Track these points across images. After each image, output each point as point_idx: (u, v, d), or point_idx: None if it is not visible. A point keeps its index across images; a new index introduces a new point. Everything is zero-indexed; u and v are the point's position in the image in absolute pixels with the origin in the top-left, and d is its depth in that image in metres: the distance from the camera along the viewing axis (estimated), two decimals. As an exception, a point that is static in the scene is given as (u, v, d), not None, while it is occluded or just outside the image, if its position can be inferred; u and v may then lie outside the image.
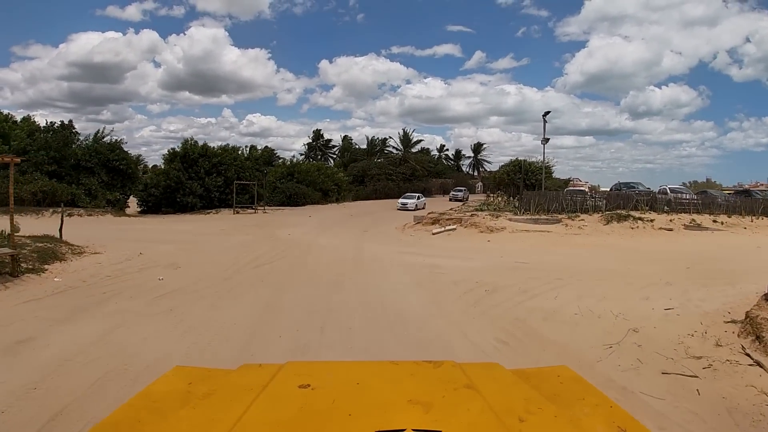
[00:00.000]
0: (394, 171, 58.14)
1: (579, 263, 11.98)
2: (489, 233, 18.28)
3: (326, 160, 67.95)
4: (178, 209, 30.07)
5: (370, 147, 66.90)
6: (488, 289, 8.40)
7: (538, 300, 7.95)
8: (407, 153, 62.12)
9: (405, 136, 62.81)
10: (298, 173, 43.55)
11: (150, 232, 16.95)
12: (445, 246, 15.67)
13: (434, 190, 63.52)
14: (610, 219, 20.03)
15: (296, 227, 19.43)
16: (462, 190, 50.84)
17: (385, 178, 55.75)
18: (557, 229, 19.00)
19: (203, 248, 13.17)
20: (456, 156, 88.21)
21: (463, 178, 77.28)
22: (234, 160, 32.45)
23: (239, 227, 18.62)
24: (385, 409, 1.44)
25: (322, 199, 42.52)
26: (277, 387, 1.63)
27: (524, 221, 19.55)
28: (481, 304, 7.66)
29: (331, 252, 13.19)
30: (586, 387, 1.78)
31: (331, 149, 73.58)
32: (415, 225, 21.34)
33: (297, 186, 40.72)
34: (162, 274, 9.74)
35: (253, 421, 1.36)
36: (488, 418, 1.38)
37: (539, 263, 11.71)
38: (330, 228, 20.24)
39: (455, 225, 19.45)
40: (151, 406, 1.56)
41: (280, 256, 12.00)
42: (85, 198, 27.07)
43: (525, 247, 15.52)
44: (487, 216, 19.80)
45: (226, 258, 11.47)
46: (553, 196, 22.46)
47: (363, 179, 55.48)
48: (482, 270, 10.60)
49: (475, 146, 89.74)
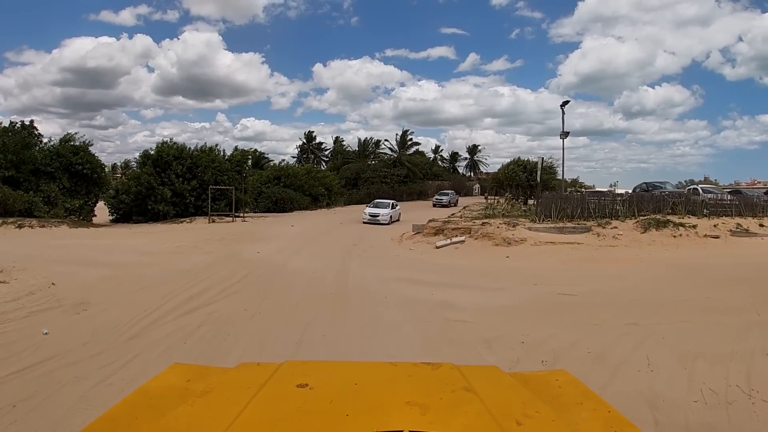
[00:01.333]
0: (389, 173, 55.20)
1: (639, 291, 9.07)
2: (506, 246, 15.27)
3: (319, 163, 65.42)
4: (150, 217, 26.90)
5: (362, 148, 63.88)
6: (546, 360, 5.33)
7: (626, 374, 4.98)
8: (402, 154, 58.98)
9: (403, 136, 59.57)
10: (285, 177, 40.53)
11: (92, 249, 13.80)
12: (454, 266, 12.63)
13: (431, 192, 60.93)
14: (647, 226, 17.03)
15: (272, 241, 16.25)
16: (448, 194, 45.07)
17: (379, 180, 52.71)
18: (588, 239, 16.00)
19: (137, 276, 10.05)
20: (452, 158, 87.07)
21: (460, 180, 75.71)
22: (212, 162, 29.20)
23: (202, 242, 15.40)
24: (382, 410, 1.44)
25: (311, 204, 39.47)
26: (275, 386, 1.64)
27: (547, 230, 16.54)
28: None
29: (304, 281, 9.93)
30: (584, 391, 1.77)
31: (323, 152, 71.01)
32: (414, 236, 18.28)
33: (284, 191, 37.65)
34: (55, 322, 6.77)
35: (251, 419, 1.36)
36: (486, 421, 1.38)
37: (589, 294, 8.77)
38: (312, 241, 17.05)
39: (463, 236, 16.41)
40: (148, 403, 1.57)
41: (231, 291, 8.82)
42: (42, 206, 23.90)
43: (556, 266, 12.57)
44: (502, 225, 16.74)
45: (155, 294, 8.34)
46: (578, 199, 19.40)
47: (356, 182, 52.40)
48: (518, 311, 7.61)
49: (471, 147, 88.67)
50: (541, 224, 17.38)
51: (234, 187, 27.88)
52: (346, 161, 59.48)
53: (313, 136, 70.66)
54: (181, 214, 27.34)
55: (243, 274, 10.47)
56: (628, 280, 10.25)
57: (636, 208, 19.18)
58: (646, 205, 19.50)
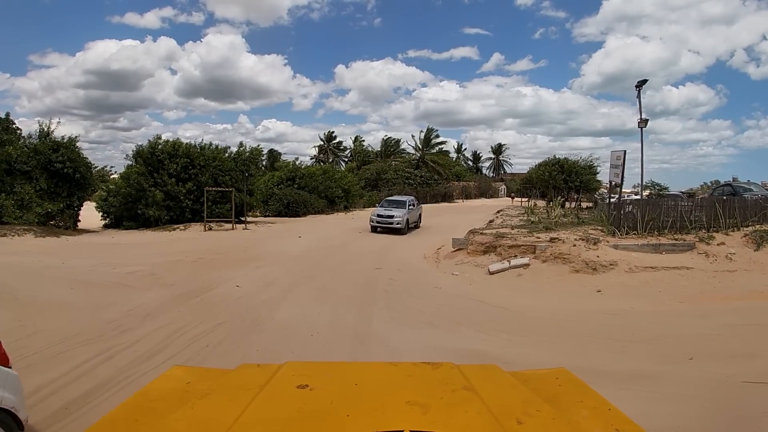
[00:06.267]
0: (412, 174, 50.93)
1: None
2: (591, 274, 10.95)
3: (338, 164, 62.01)
4: (142, 223, 23.24)
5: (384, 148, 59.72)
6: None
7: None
8: (426, 153, 54.58)
9: (426, 135, 55.01)
10: (299, 177, 36.59)
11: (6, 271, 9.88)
12: (528, 309, 8.48)
13: (456, 194, 56.55)
14: (759, 241, 12.53)
15: (265, 263, 12.03)
16: (402, 202, 22.19)
17: (401, 181, 48.40)
18: (695, 261, 11.54)
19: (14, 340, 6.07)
20: (474, 157, 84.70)
21: (485, 180, 72.21)
22: (213, 161, 25.33)
23: (169, 264, 11.27)
24: (383, 410, 1.42)
25: (327, 207, 35.43)
26: (275, 387, 1.62)
27: (638, 249, 12.10)
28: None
29: (294, 356, 5.82)
30: (584, 390, 1.75)
31: (342, 151, 67.78)
32: (454, 253, 14.04)
33: (297, 193, 33.68)
34: None
35: (251, 421, 1.34)
36: (486, 420, 1.36)
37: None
38: (320, 264, 12.64)
39: (527, 256, 12.07)
40: (148, 406, 1.55)
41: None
42: (14, 211, 20.40)
43: (678, 308, 8.59)
44: (579, 242, 12.29)
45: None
46: (670, 205, 14.76)
47: (377, 183, 48.17)
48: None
49: (497, 147, 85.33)
50: (624, 239, 12.92)
51: (236, 188, 23.93)
52: (367, 161, 55.57)
53: (333, 136, 67.44)
54: (176, 220, 23.72)
55: (198, 332, 6.38)
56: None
57: (739, 216, 14.59)
58: (749, 212, 14.89)
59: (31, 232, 18.60)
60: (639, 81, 18.91)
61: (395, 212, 20.35)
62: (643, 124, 17.01)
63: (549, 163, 42.39)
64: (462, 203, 52.75)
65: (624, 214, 14.21)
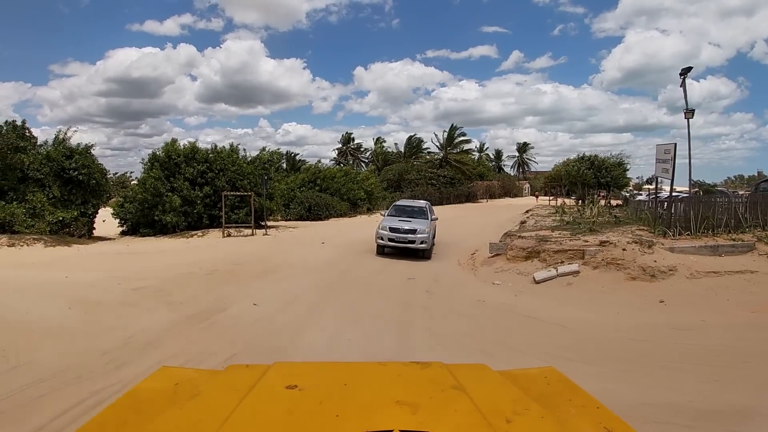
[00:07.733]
0: (435, 174, 49.52)
1: None
2: (650, 281, 9.47)
3: (358, 166, 60.85)
4: (159, 230, 22.41)
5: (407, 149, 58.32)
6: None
7: None
8: (449, 153, 53.09)
9: (450, 133, 53.48)
10: (321, 180, 35.60)
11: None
12: (586, 323, 7.26)
13: (480, 194, 54.96)
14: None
15: (286, 275, 10.75)
16: (422, 210, 15.97)
17: (424, 182, 47.02)
18: (758, 263, 9.91)
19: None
20: (496, 156, 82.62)
21: (509, 179, 70.45)
22: (232, 165, 24.37)
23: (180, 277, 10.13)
24: (372, 410, 1.40)
25: (349, 210, 34.31)
26: (264, 388, 1.58)
27: (695, 251, 10.54)
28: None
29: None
30: (572, 388, 1.72)
31: (362, 153, 66.53)
32: (491, 258, 12.65)
33: (319, 195, 32.63)
34: None
35: (240, 422, 1.31)
36: (475, 419, 1.35)
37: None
38: (345, 274, 11.24)
39: (575, 262, 10.65)
40: (136, 407, 1.51)
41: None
42: (26, 219, 19.76)
43: (753, 319, 7.22)
44: (632, 245, 10.81)
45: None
46: (724, 203, 13.16)
47: (399, 184, 46.84)
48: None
49: (522, 145, 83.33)
50: (678, 239, 11.38)
51: (255, 192, 22.91)
52: (388, 162, 54.36)
53: (351, 138, 66.27)
54: (194, 226, 22.75)
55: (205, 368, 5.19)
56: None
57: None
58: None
59: (41, 241, 17.87)
60: (683, 68, 17.08)
61: (417, 224, 14.21)
62: (690, 114, 15.34)
63: (579, 159, 40.69)
64: (486, 203, 51.13)
65: (673, 213, 12.67)
